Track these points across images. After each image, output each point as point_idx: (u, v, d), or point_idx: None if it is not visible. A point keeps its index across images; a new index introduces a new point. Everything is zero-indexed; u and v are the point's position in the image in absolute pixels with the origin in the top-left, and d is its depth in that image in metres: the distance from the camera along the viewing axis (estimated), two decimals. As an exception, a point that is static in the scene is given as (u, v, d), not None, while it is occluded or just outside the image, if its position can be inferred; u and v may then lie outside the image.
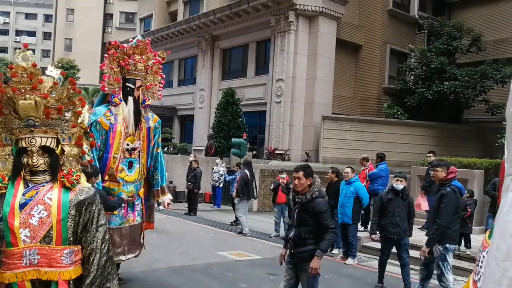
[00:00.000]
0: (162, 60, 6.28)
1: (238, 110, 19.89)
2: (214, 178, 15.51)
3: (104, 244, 3.17)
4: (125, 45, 6.04)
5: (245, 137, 17.45)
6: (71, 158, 3.22)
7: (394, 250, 7.35)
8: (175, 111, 27.52)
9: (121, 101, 5.94)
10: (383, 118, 20.31)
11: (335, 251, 9.64)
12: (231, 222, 12.77)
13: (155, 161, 6.35)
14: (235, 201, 11.80)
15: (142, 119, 6.12)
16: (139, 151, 6.07)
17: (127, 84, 5.98)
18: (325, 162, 17.79)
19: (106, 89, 5.93)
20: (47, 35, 60.03)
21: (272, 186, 11.64)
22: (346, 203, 8.80)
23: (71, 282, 3.08)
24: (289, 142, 19.70)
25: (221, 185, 15.49)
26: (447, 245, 5.99)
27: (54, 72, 3.30)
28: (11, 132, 3.10)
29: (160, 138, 6.56)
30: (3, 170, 3.07)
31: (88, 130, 3.74)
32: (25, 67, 3.08)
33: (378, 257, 8.60)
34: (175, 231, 11.21)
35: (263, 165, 16.39)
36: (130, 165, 5.99)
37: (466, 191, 8.58)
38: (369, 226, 10.57)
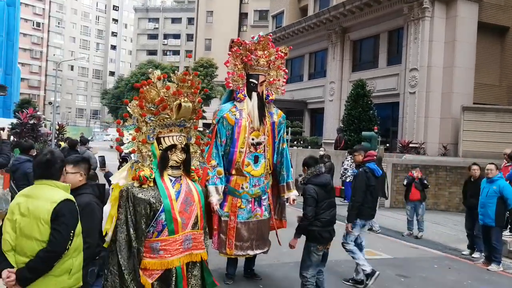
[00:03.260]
0: (284, 55, 6.30)
1: (369, 102, 19.26)
2: (341, 172, 15.27)
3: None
4: (247, 41, 6.16)
5: (376, 130, 16.81)
6: (193, 155, 3.56)
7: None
8: (305, 104, 27.65)
9: (245, 96, 6.08)
10: (536, 107, 18.05)
11: (476, 254, 8.79)
12: (361, 218, 12.42)
13: (281, 157, 6.35)
14: (365, 197, 11.43)
15: (266, 114, 6.18)
16: (264, 146, 6.14)
17: (250, 80, 6.11)
18: (465, 156, 16.39)
19: (230, 85, 6.13)
20: (189, 37, 64.71)
21: (405, 182, 11.04)
22: (488, 203, 7.94)
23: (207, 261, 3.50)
24: (425, 135, 18.56)
25: (347, 180, 15.16)
26: (357, 220, 6.53)
27: None
28: (157, 130, 3.40)
29: (285, 133, 6.56)
30: (149, 166, 3.37)
31: (207, 131, 4.00)
32: (189, 74, 3.44)
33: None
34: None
35: (396, 160, 15.64)
36: (256, 160, 6.07)
37: None
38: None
